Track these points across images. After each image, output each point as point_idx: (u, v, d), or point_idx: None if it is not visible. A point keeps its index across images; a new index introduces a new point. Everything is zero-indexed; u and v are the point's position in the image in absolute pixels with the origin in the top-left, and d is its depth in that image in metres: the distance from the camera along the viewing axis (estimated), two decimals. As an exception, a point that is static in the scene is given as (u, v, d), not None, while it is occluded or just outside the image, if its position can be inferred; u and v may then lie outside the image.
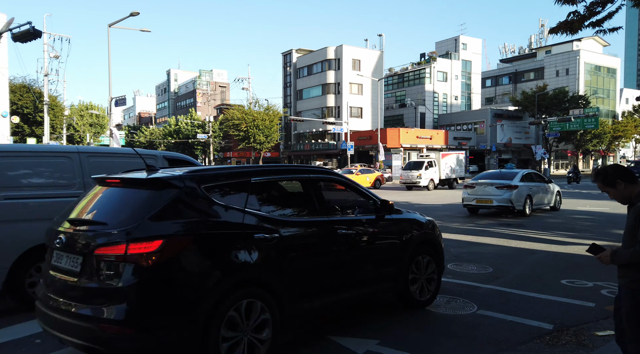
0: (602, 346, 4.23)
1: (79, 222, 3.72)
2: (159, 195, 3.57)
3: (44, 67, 31.63)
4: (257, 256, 3.79)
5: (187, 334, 3.36)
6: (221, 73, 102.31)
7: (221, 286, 3.52)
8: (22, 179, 5.38)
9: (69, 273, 3.55)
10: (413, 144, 49.92)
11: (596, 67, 67.93)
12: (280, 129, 63.99)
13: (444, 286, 6.35)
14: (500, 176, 15.39)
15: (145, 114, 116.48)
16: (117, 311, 3.21)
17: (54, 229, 3.86)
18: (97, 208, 3.85)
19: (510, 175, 15.07)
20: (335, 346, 4.29)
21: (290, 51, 65.68)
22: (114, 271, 3.30)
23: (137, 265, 3.25)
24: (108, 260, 3.31)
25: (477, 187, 14.93)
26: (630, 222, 3.00)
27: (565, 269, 7.40)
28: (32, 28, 16.62)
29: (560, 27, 9.80)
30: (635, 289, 2.97)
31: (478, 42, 69.69)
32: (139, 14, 24.24)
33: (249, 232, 3.83)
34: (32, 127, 44.97)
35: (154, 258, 3.27)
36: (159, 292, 3.31)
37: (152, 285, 3.29)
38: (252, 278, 3.78)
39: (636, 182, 3.09)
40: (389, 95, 68.87)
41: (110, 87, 28.04)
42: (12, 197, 5.18)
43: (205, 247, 3.57)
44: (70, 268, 3.55)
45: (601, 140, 59.21)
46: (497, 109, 61.63)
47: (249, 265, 3.74)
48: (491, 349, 4.25)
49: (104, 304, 3.26)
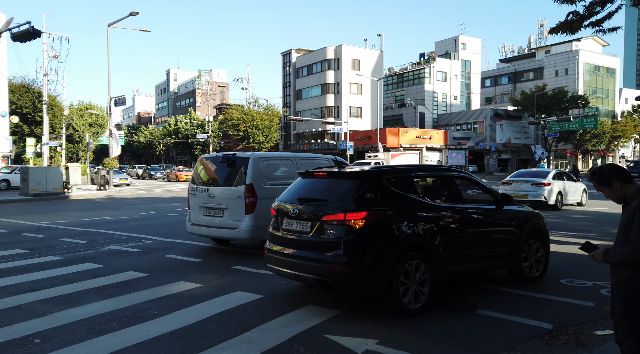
0: (602, 346, 4.24)
1: (305, 200, 5.51)
2: (360, 183, 5.25)
3: (43, 66, 31.58)
4: (419, 229, 5.29)
5: (381, 275, 4.90)
6: (220, 73, 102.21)
7: (399, 246, 5.03)
8: (274, 173, 8.91)
9: (300, 233, 5.33)
10: (412, 144, 49.91)
11: (595, 67, 67.94)
12: (280, 129, 63.94)
13: (442, 285, 6.39)
14: (534, 174, 17.20)
15: (144, 114, 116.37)
16: (340, 256, 4.88)
17: (283, 204, 5.66)
18: (314, 191, 5.64)
19: (544, 174, 16.74)
20: (334, 345, 4.28)
21: (289, 51, 65.65)
22: (336, 231, 4.99)
23: (351, 227, 4.91)
24: (332, 224, 5.04)
25: (514, 184, 16.78)
26: (625, 221, 3.02)
27: (564, 268, 7.41)
28: (32, 28, 16.58)
29: (559, 27, 9.79)
30: (628, 288, 2.99)
31: (477, 42, 69.69)
32: (139, 13, 24.23)
33: (414, 210, 5.35)
34: (32, 127, 44.92)
35: (362, 223, 4.92)
36: (365, 245, 4.93)
37: (361, 240, 4.92)
38: (417, 244, 5.23)
39: (632, 182, 3.11)
40: (389, 95, 68.85)
41: (109, 87, 27.98)
42: (272, 184, 8.51)
43: (389, 219, 5.12)
44: (301, 230, 5.34)
45: (600, 140, 59.22)
46: (496, 109, 61.63)
47: (415, 234, 5.24)
48: (491, 348, 4.25)
49: (331, 252, 4.94)
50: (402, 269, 5.01)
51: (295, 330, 4.64)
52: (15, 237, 10.58)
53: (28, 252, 8.74)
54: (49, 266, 7.52)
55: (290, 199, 5.64)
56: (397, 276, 4.94)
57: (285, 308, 5.36)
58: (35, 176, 22.33)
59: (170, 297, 5.81)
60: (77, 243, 9.79)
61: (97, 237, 10.66)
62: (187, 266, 7.64)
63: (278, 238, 5.59)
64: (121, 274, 7.03)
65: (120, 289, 6.17)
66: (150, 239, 10.26)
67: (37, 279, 6.67)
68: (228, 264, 7.69)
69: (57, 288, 6.21)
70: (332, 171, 5.75)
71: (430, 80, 64.09)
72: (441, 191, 6.12)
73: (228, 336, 4.48)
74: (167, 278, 6.81)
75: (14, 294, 5.90)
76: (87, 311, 5.22)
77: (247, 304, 5.49)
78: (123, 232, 11.29)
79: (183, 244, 9.73)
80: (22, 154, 45.09)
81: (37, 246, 9.40)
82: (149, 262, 7.88)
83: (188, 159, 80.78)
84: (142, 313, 5.19)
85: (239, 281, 6.58)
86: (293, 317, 5.04)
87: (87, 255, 8.51)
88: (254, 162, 8.56)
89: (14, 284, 6.42)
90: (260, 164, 8.67)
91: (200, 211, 9.00)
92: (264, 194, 8.36)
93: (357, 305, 5.49)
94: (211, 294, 5.93)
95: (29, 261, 7.99)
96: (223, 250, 9.06)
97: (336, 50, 57.98)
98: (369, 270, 4.90)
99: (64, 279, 6.67)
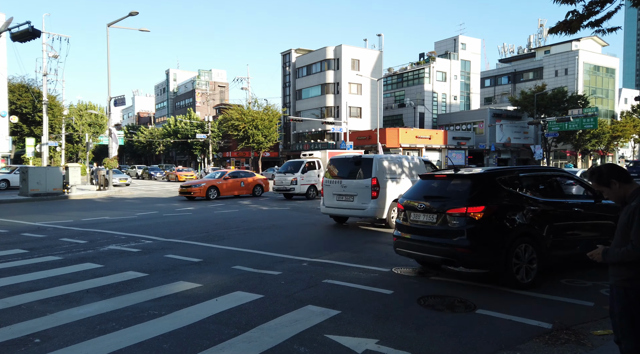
0: (601, 346, 4.24)
1: (430, 197, 6.72)
2: (477, 183, 6.44)
3: (42, 66, 31.55)
4: (527, 219, 6.36)
5: (496, 256, 6.01)
6: (220, 73, 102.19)
7: (511, 233, 6.13)
8: (389, 169, 12.29)
9: (427, 223, 6.58)
10: (412, 144, 49.93)
11: (595, 67, 67.95)
12: (280, 129, 63.91)
13: (442, 285, 6.41)
14: None
15: (144, 114, 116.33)
16: (464, 241, 6.08)
17: (411, 201, 6.90)
18: (437, 190, 6.84)
19: (572, 173, 18.33)
20: (334, 345, 4.28)
21: (289, 51, 65.62)
22: (459, 221, 6.16)
23: (472, 218, 6.08)
24: (455, 216, 6.20)
25: None
26: (624, 221, 3.02)
27: (564, 268, 7.41)
28: (31, 28, 16.57)
29: (559, 28, 9.80)
30: (627, 287, 2.99)
31: (477, 42, 69.68)
32: (138, 13, 24.22)
33: (522, 204, 6.40)
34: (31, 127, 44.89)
35: (480, 215, 6.07)
36: (483, 232, 6.08)
37: (480, 229, 6.08)
38: (526, 232, 6.29)
39: (630, 182, 3.11)
40: (388, 95, 68.84)
41: (109, 87, 27.95)
42: (388, 178, 12.10)
43: (502, 211, 6.22)
44: (427, 221, 6.59)
45: (600, 140, 59.22)
46: (496, 109, 61.63)
47: (523, 224, 6.31)
48: (490, 348, 4.25)
49: (456, 238, 6.16)
50: (514, 252, 6.08)
51: (295, 330, 4.63)
52: (15, 237, 10.57)
53: (28, 252, 8.74)
54: (49, 266, 7.52)
55: (417, 197, 6.88)
56: (510, 257, 6.01)
57: (285, 307, 5.36)
58: (35, 176, 22.31)
59: (170, 297, 5.81)
60: (77, 243, 9.79)
61: (96, 237, 10.66)
62: (187, 266, 7.64)
63: (406, 227, 6.88)
64: (121, 274, 7.03)
65: (120, 289, 6.17)
66: (150, 239, 10.26)
67: (36, 279, 6.66)
68: (228, 264, 7.69)
69: (57, 287, 6.21)
70: (451, 173, 6.88)
71: (430, 81, 64.08)
72: (545, 188, 7.12)
73: (228, 336, 4.48)
74: (166, 277, 6.81)
75: (14, 294, 5.90)
76: (87, 311, 5.22)
77: (247, 304, 5.49)
78: (123, 232, 11.29)
79: (183, 244, 9.73)
80: (21, 154, 45.06)
81: (37, 246, 9.39)
82: (149, 262, 7.88)
83: (187, 159, 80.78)
84: (141, 312, 5.19)
85: (239, 281, 6.58)
86: (293, 317, 5.04)
87: (86, 255, 8.51)
88: (377, 161, 12.08)
89: (14, 284, 6.42)
90: (381, 163, 12.11)
91: (334, 197, 12.53)
92: (383, 185, 11.91)
93: (357, 305, 5.49)
94: (211, 294, 5.93)
95: (29, 261, 7.99)
96: (223, 250, 9.06)
97: (336, 50, 57.96)
98: (487, 252, 6.04)
99: (63, 279, 6.67)
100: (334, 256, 8.44)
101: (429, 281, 6.66)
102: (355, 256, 8.44)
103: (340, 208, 12.41)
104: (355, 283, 6.46)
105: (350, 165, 12.42)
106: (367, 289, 6.18)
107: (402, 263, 7.76)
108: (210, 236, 10.82)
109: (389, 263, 7.77)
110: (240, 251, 8.93)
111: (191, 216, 15.01)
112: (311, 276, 6.86)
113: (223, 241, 10.03)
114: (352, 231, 11.82)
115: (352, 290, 6.13)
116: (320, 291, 6.04)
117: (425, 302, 5.61)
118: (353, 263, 7.76)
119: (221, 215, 15.29)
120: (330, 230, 12.03)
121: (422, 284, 6.48)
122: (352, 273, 7.11)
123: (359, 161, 12.22)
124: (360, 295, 5.89)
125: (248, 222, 13.43)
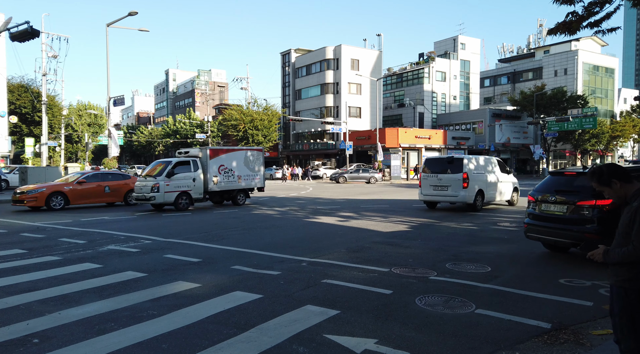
0: (600, 345, 4.24)
1: (561, 191, 7.81)
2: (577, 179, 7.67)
3: (42, 66, 31.54)
4: None
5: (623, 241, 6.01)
6: (220, 73, 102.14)
7: None
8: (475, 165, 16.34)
9: (557, 213, 7.73)
10: (412, 144, 49.93)
11: (594, 67, 67.99)
12: (279, 129, 63.91)
13: (442, 285, 6.39)
14: None
15: (143, 114, 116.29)
16: (594, 227, 7.14)
17: (542, 194, 8.03)
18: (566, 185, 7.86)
19: None
20: (334, 345, 4.28)
21: (289, 51, 65.61)
22: (588, 212, 7.25)
23: (600, 209, 7.11)
24: (585, 207, 7.28)
25: None
26: (625, 221, 3.01)
27: (563, 268, 7.42)
28: (30, 27, 16.57)
29: (559, 28, 9.81)
30: (627, 288, 2.99)
31: (477, 42, 69.71)
32: (138, 13, 24.22)
33: None
34: (30, 126, 44.90)
35: (608, 207, 7.02)
36: (610, 220, 6.88)
37: (607, 218, 7.00)
38: None
39: (631, 182, 3.09)
40: (388, 95, 68.85)
41: (108, 86, 27.97)
42: (474, 172, 16.05)
43: None
44: (558, 211, 7.73)
45: (599, 140, 59.29)
46: (495, 108, 61.66)
47: None
48: (489, 348, 4.25)
49: (586, 225, 7.23)
50: None
51: (294, 330, 4.63)
52: (14, 237, 10.57)
53: (27, 252, 8.73)
54: (48, 266, 7.52)
55: (548, 190, 7.99)
56: None
57: (284, 307, 5.36)
58: (34, 175, 22.31)
59: (169, 297, 5.81)
60: (76, 243, 9.78)
61: (96, 237, 10.66)
62: (186, 266, 7.64)
63: (538, 216, 8.07)
64: (120, 274, 7.02)
65: (119, 289, 6.16)
66: (149, 239, 10.25)
67: (35, 279, 6.66)
68: (227, 264, 7.69)
69: (56, 287, 6.21)
70: (580, 171, 7.88)
71: (430, 80, 64.09)
72: None
73: (227, 336, 4.48)
74: (166, 277, 6.81)
75: (13, 294, 5.89)
76: (86, 311, 5.22)
77: (246, 304, 5.49)
78: (122, 232, 11.29)
79: (182, 244, 9.73)
80: (20, 154, 45.06)
81: (36, 246, 9.39)
82: (148, 262, 7.87)
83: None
84: (140, 312, 5.19)
85: (238, 281, 6.57)
86: (292, 317, 5.03)
87: (86, 255, 8.51)
88: (466, 160, 16.05)
89: (13, 284, 6.41)
90: (468, 161, 15.99)
91: (430, 188, 16.35)
92: (471, 178, 15.71)
93: (356, 305, 5.49)
94: (210, 294, 5.93)
95: (28, 261, 7.98)
96: (223, 250, 9.05)
97: (335, 50, 57.96)
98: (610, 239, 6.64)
99: (62, 279, 6.66)
100: (333, 256, 8.44)
101: (428, 281, 6.65)
102: (355, 256, 8.44)
103: (436, 196, 16.33)
104: (355, 283, 6.46)
105: (444, 163, 16.35)
106: (366, 288, 6.17)
107: (401, 263, 7.76)
108: (210, 236, 10.82)
109: (388, 263, 7.77)
110: (239, 252, 8.93)
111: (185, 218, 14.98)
112: (310, 276, 6.85)
113: (222, 241, 10.03)
114: (352, 231, 11.83)
115: (351, 290, 6.12)
116: (319, 291, 6.04)
117: (425, 302, 5.61)
118: (352, 263, 7.76)
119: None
120: (330, 230, 12.04)
121: (421, 284, 6.47)
122: (351, 272, 7.11)
123: (451, 160, 16.14)
124: (359, 295, 5.89)
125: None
